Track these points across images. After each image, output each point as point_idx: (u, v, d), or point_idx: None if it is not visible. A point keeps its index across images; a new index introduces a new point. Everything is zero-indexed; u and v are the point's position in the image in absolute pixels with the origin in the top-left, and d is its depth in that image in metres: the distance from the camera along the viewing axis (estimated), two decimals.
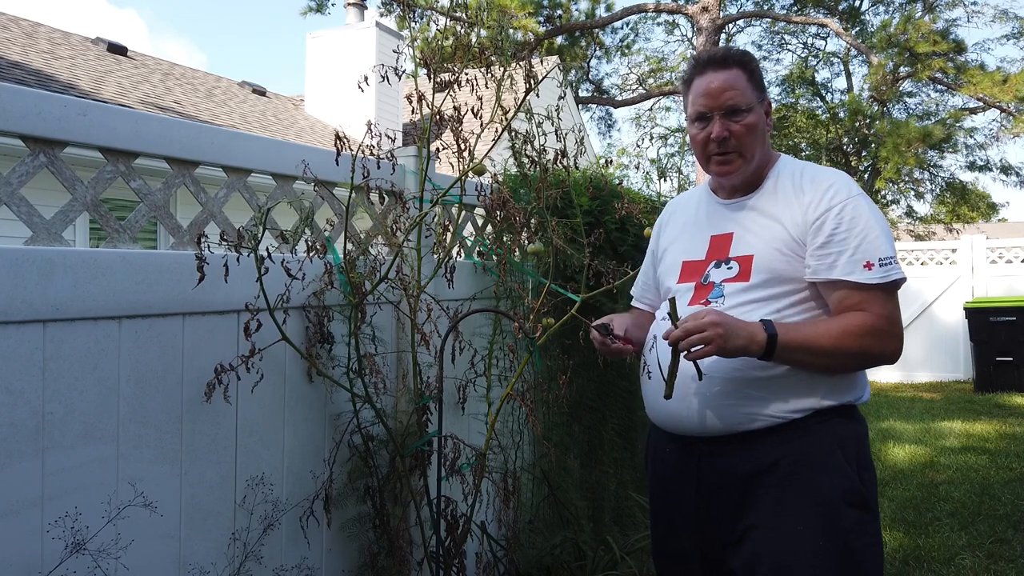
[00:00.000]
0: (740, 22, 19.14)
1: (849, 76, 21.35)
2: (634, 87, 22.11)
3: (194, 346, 1.83)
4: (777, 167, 1.76)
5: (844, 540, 1.54)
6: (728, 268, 1.70)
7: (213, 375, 1.84)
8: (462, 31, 2.47)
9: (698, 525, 1.68)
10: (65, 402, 1.58)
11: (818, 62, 21.15)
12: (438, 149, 2.55)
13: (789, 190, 1.69)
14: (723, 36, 14.48)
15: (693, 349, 1.51)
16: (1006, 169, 18.51)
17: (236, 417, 1.94)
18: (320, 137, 11.14)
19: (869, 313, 1.56)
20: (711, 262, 1.74)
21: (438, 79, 2.41)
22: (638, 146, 22.16)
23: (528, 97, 2.43)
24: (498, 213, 2.55)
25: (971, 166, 18.68)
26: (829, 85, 21.89)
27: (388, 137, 2.24)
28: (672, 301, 1.57)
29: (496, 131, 2.46)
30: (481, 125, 2.38)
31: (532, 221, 2.59)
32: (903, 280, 1.59)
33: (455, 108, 2.34)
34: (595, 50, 19.81)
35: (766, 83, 1.82)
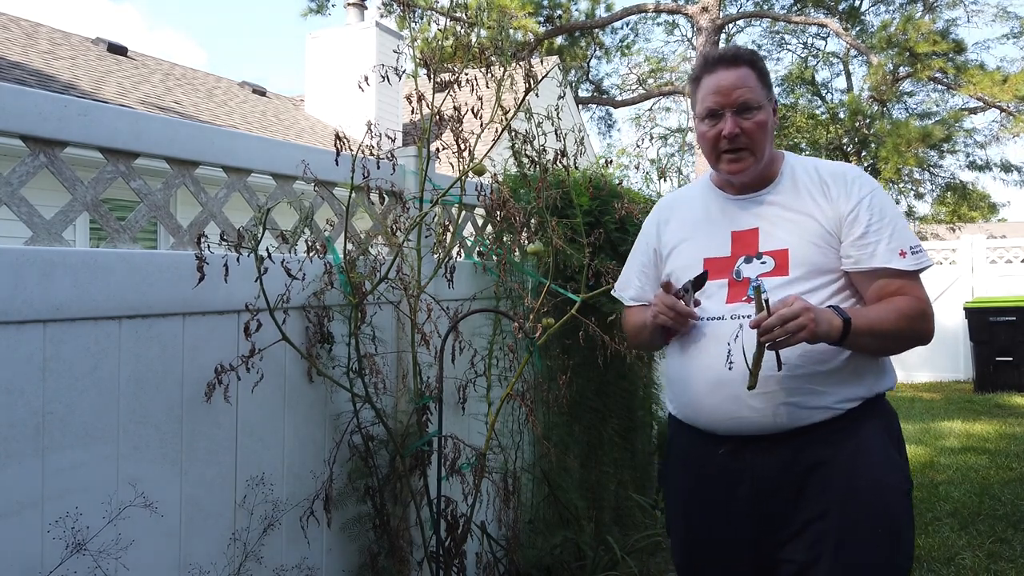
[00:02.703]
0: (740, 22, 19.14)
1: (849, 76, 21.36)
2: (634, 87, 22.11)
3: (194, 346, 1.83)
4: (788, 163, 1.78)
5: (899, 529, 1.61)
6: (761, 263, 1.69)
7: (213, 375, 1.84)
8: (462, 31, 2.47)
9: (756, 525, 1.66)
10: (65, 402, 1.58)
11: (818, 62, 21.16)
12: (438, 149, 2.55)
13: (810, 185, 1.72)
14: (723, 36, 14.48)
15: (785, 337, 1.50)
16: (1006, 168, 18.51)
17: (236, 417, 1.94)
18: (320, 137, 11.14)
19: (913, 297, 1.63)
20: (739, 258, 1.73)
21: (438, 79, 2.41)
22: (638, 146, 22.17)
23: (528, 97, 2.43)
24: (498, 213, 2.56)
25: (971, 166, 18.69)
26: (829, 85, 21.90)
27: (388, 137, 2.24)
28: (758, 290, 1.54)
29: (496, 131, 2.46)
30: (481, 125, 2.38)
31: (532, 221, 2.59)
32: (931, 265, 1.69)
33: (455, 108, 2.34)
34: (595, 50, 19.81)
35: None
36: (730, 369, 1.63)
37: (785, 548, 1.63)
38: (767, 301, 1.53)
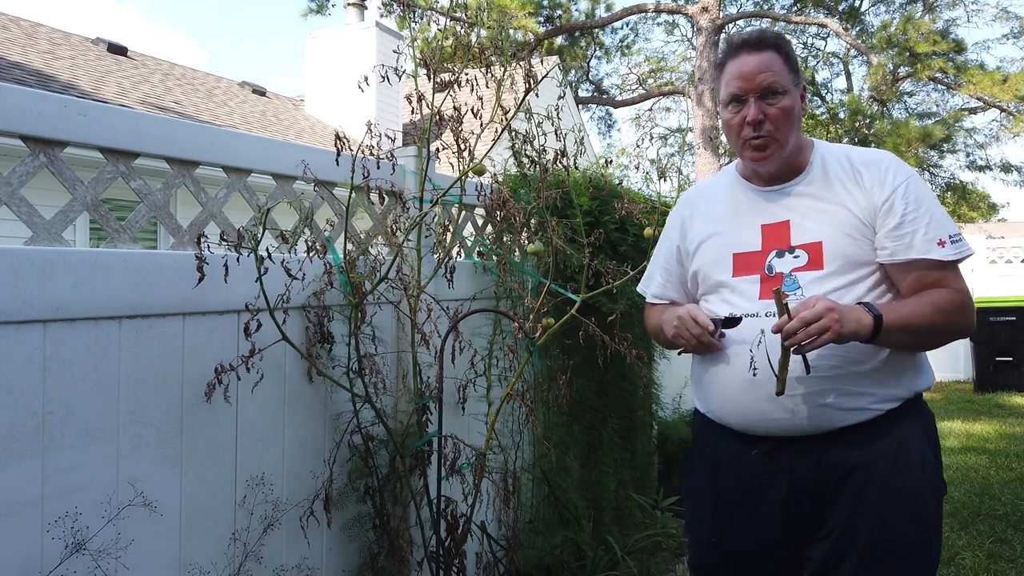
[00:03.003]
0: (740, 22, 19.13)
1: (849, 76, 21.36)
2: (634, 87, 22.10)
3: (194, 346, 1.83)
4: (818, 151, 1.70)
5: (930, 537, 1.59)
6: (795, 257, 1.63)
7: (213, 375, 1.84)
8: (462, 31, 2.47)
9: (787, 525, 1.62)
10: (65, 402, 1.58)
11: (818, 62, 21.16)
12: (438, 149, 2.55)
13: (841, 174, 1.65)
14: (723, 36, 14.47)
15: (810, 340, 1.45)
16: (1006, 169, 18.50)
17: (236, 417, 1.94)
18: (320, 137, 11.14)
19: (951, 289, 1.57)
20: (770, 252, 1.66)
21: (438, 79, 2.41)
22: (638, 146, 22.17)
23: (528, 97, 2.43)
24: (498, 213, 2.56)
25: (971, 166, 18.68)
26: (829, 85, 21.89)
27: (388, 137, 2.24)
28: (778, 293, 1.51)
29: (496, 131, 2.46)
30: (481, 125, 2.38)
31: (532, 221, 2.59)
32: (971, 255, 1.62)
33: (455, 108, 2.34)
34: (595, 50, 19.80)
35: None
36: (754, 376, 1.58)
37: (812, 547, 1.60)
38: (780, 307, 1.49)
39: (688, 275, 1.82)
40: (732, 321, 1.63)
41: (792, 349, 1.48)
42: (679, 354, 1.80)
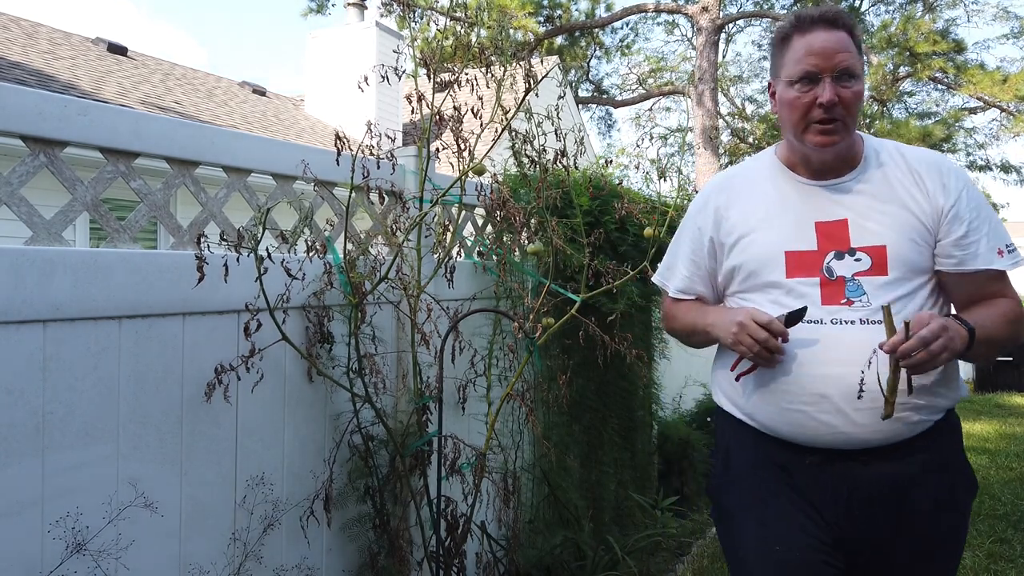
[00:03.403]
0: (740, 22, 19.15)
1: None
2: (634, 87, 22.12)
3: (194, 346, 1.84)
4: (870, 145, 1.62)
5: (961, 548, 1.60)
6: (856, 260, 1.52)
7: (213, 375, 1.84)
8: (462, 31, 2.47)
9: (837, 533, 1.55)
10: (65, 402, 1.58)
11: None
12: (438, 149, 2.55)
13: (899, 174, 1.57)
14: (723, 36, 14.49)
15: (928, 360, 1.37)
16: (1006, 169, 18.50)
17: (236, 417, 1.94)
18: (320, 137, 11.14)
19: (1011, 299, 1.54)
20: (827, 253, 1.54)
21: (438, 79, 2.41)
22: (638, 146, 22.18)
23: (528, 97, 2.43)
24: (498, 213, 2.56)
25: (971, 166, 18.68)
26: None
27: (388, 137, 2.24)
28: (887, 310, 1.41)
29: (496, 131, 2.46)
30: (481, 125, 2.38)
31: (532, 221, 2.59)
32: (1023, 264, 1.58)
33: (455, 108, 2.34)
34: (595, 50, 19.80)
35: (767, 82, 1.77)
36: (859, 398, 1.46)
37: (863, 553, 1.55)
38: (889, 324, 1.40)
39: (722, 270, 1.68)
40: (796, 316, 1.50)
41: (906, 369, 1.39)
42: (737, 378, 1.62)
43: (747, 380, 1.60)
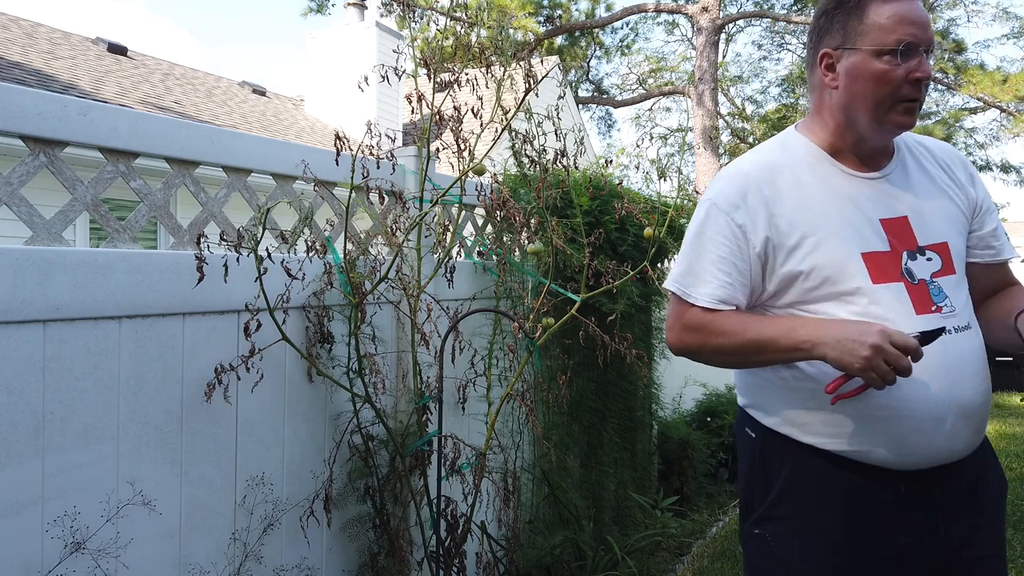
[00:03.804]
0: (740, 22, 19.14)
1: None
2: (634, 87, 22.12)
3: (194, 346, 1.84)
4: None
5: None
6: (928, 260, 1.39)
7: (213, 375, 1.84)
8: (462, 31, 2.47)
9: (927, 554, 1.41)
10: (65, 402, 1.58)
11: None
12: (438, 149, 2.55)
13: (930, 165, 1.49)
14: (723, 36, 14.50)
15: None
16: (1006, 169, 18.50)
17: (236, 417, 1.94)
18: (320, 137, 11.14)
19: (1019, 283, 1.53)
20: (901, 253, 1.39)
21: (438, 79, 2.41)
22: (638, 146, 22.18)
23: (528, 97, 2.43)
24: (498, 213, 2.56)
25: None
26: None
27: (388, 137, 2.24)
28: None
29: (496, 131, 2.46)
30: (481, 125, 2.38)
31: (532, 221, 2.59)
32: None
33: (455, 108, 2.34)
34: (595, 50, 19.81)
35: (767, 82, 1.73)
36: (971, 414, 1.36)
37: (939, 556, 1.43)
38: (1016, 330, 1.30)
39: (773, 276, 1.43)
40: (931, 336, 1.29)
41: None
42: (834, 400, 1.37)
43: (830, 401, 1.37)
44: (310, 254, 1.99)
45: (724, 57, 21.83)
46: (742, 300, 1.46)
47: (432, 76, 2.39)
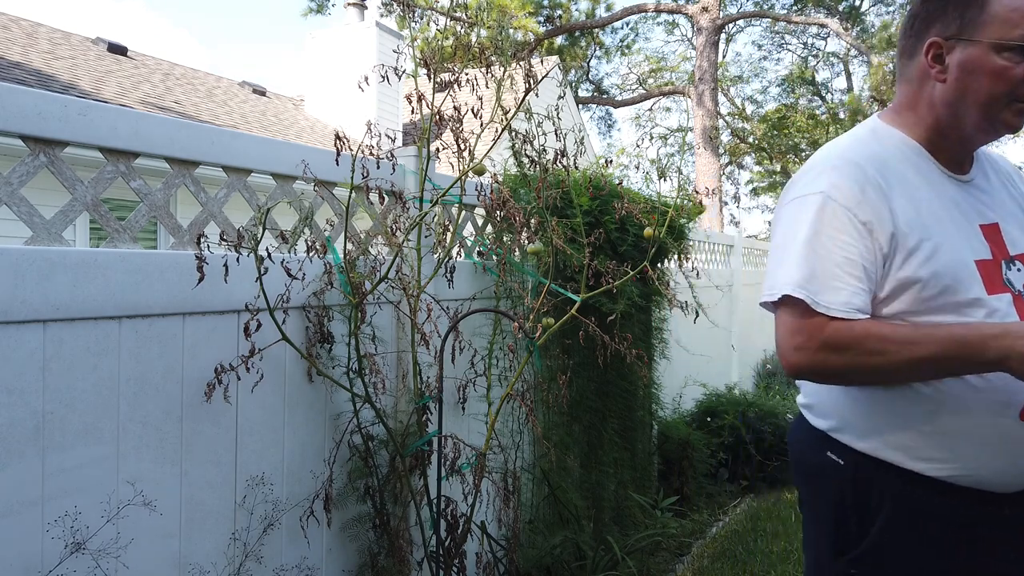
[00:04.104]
0: (740, 22, 19.17)
1: (849, 76, 21.40)
2: (634, 87, 22.14)
3: (194, 346, 1.84)
4: None
5: None
6: (1018, 271, 1.32)
7: (213, 375, 1.84)
8: (462, 31, 2.47)
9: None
10: (65, 402, 1.58)
11: (818, 62, 21.19)
12: (438, 149, 2.55)
13: (994, 172, 1.45)
14: (723, 36, 14.50)
15: None
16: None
17: (236, 417, 1.94)
18: (320, 137, 11.14)
19: None
20: (1000, 262, 1.30)
21: (438, 79, 2.41)
22: (638, 146, 22.19)
23: (528, 97, 2.43)
24: (498, 213, 2.56)
25: None
26: (829, 85, 21.98)
27: (388, 137, 2.24)
28: None
29: (496, 131, 2.46)
30: (481, 125, 2.38)
31: (532, 221, 2.59)
32: None
33: (455, 108, 2.34)
34: (595, 50, 19.82)
35: (767, 82, 1.70)
36: None
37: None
38: None
39: (888, 280, 1.28)
40: None
41: None
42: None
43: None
44: (310, 254, 1.99)
45: (724, 57, 21.84)
46: (867, 306, 1.28)
47: (432, 76, 2.39)
